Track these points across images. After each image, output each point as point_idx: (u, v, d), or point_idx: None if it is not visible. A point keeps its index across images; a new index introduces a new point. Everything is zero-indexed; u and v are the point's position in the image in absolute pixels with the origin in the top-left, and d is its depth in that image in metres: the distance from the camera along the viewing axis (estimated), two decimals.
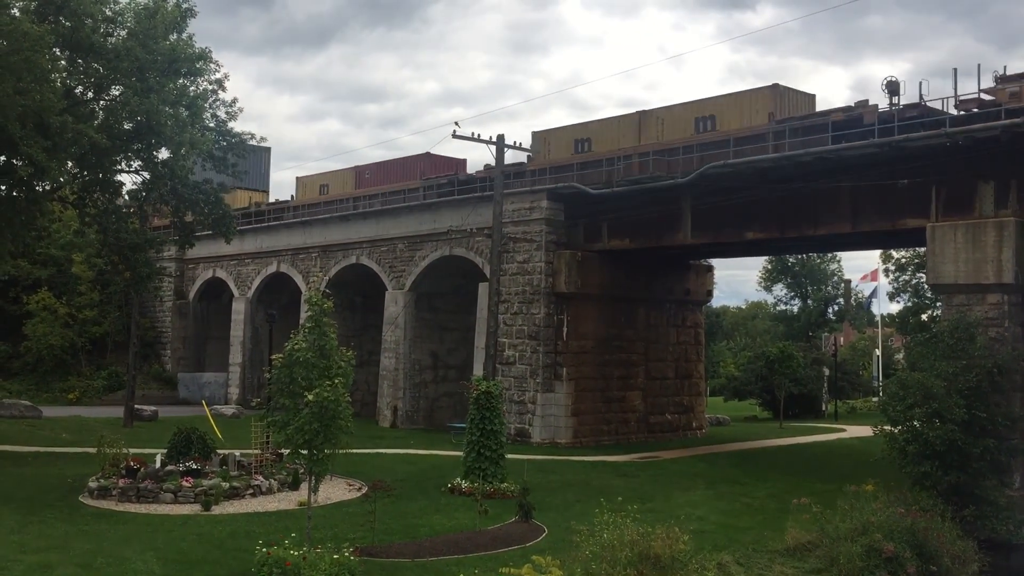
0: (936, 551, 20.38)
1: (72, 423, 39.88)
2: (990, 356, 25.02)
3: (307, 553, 15.57)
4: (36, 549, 17.58)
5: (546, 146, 40.47)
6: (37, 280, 55.50)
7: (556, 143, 40.49)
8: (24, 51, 24.29)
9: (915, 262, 57.84)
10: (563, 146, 40.19)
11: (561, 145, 40.27)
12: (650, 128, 37.22)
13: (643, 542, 15.52)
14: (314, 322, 16.81)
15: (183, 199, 32.64)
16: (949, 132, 26.20)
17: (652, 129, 37.14)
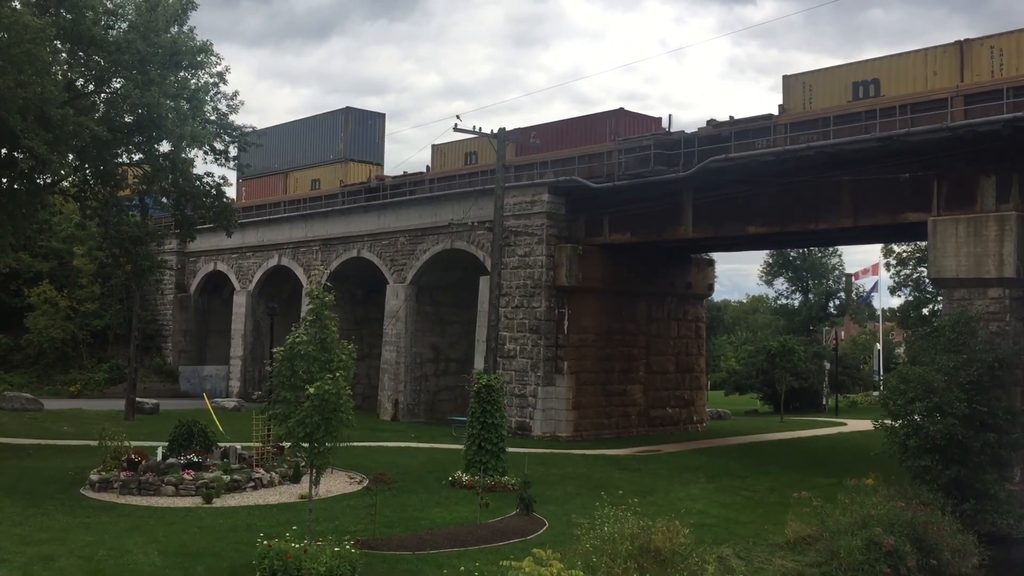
0: (936, 545, 20.41)
1: (73, 416, 39.95)
2: (991, 350, 25.02)
3: (308, 546, 15.60)
4: (38, 541, 17.62)
5: (804, 92, 31.87)
6: (38, 273, 55.56)
7: (823, 87, 31.41)
8: (25, 44, 24.28)
9: (916, 256, 57.79)
10: (833, 91, 31.11)
11: (830, 90, 31.20)
12: (979, 60, 27.73)
13: (644, 535, 15.56)
14: (315, 315, 16.81)
15: (184, 192, 32.63)
16: (951, 126, 26.17)
17: (981, 62, 27.69)
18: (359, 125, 54.75)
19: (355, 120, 54.55)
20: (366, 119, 55.43)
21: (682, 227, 35.34)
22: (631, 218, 37.31)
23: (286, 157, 57.51)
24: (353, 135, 54.11)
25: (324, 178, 54.34)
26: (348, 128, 53.95)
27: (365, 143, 54.96)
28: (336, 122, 54.79)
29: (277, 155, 57.45)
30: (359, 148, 54.63)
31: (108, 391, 52.80)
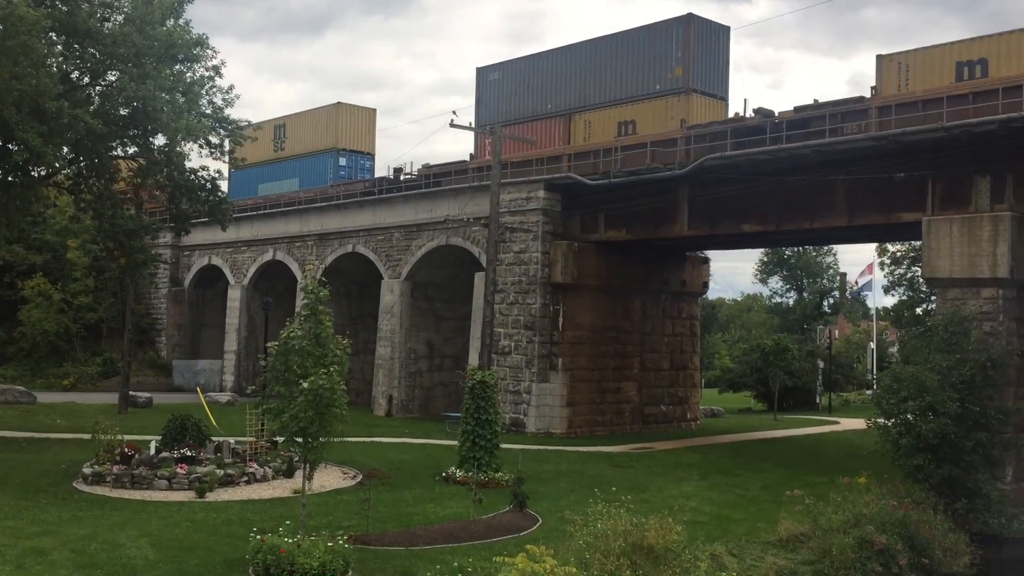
0: (928, 544, 20.49)
1: (67, 409, 39.88)
2: (984, 350, 25.09)
3: (301, 540, 15.60)
4: (30, 534, 17.59)
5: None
6: (32, 266, 55.39)
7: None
8: (20, 35, 24.22)
9: (910, 256, 57.87)
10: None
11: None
12: None
13: (637, 532, 15.58)
14: (310, 310, 16.80)
15: (179, 185, 32.57)
16: (946, 126, 26.22)
17: None
18: (702, 41, 38.89)
19: (698, 32, 38.71)
20: (709, 33, 39.43)
21: (677, 225, 35.36)
22: (626, 215, 37.33)
23: (570, 91, 42.25)
24: (696, 55, 38.42)
25: (643, 118, 38.76)
26: (690, 44, 38.11)
27: (708, 67, 39.21)
28: (667, 37, 38.95)
29: (553, 89, 42.99)
30: (703, 74, 38.76)
31: (101, 384, 52.68)
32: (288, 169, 58.04)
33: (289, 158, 58.10)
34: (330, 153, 55.17)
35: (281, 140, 59.03)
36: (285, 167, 58.30)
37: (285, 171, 58.23)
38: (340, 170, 55.02)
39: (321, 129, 56.26)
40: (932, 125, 26.64)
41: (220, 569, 15.88)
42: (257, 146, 57.93)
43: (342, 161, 54.97)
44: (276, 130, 59.16)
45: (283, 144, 58.85)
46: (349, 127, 55.81)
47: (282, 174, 58.38)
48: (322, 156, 55.55)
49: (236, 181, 59.97)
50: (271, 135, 58.55)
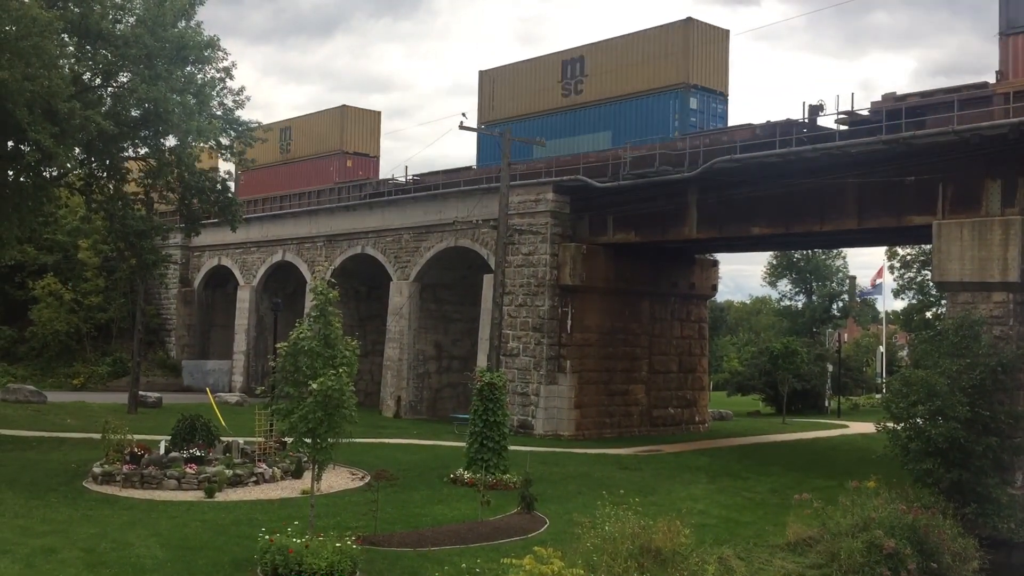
0: (937, 548, 20.41)
1: (76, 409, 40.03)
2: (994, 354, 24.99)
3: (310, 541, 15.63)
4: (40, 533, 17.68)
5: None
6: (43, 266, 55.69)
7: None
8: (33, 37, 24.32)
9: (920, 259, 57.72)
10: None
11: None
12: None
13: (644, 535, 15.57)
14: (319, 311, 16.83)
15: (189, 186, 32.67)
16: (957, 129, 26.12)
17: None
18: None
19: None
20: None
21: (686, 227, 35.32)
22: (635, 218, 37.31)
23: None
24: None
25: None
26: None
27: None
28: None
29: None
30: None
31: (111, 384, 52.92)
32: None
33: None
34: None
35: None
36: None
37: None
38: None
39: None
40: (943, 128, 26.55)
41: (229, 569, 15.93)
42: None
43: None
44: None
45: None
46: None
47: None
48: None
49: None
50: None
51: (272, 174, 59.25)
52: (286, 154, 59.05)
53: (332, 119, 56.43)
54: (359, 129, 56.29)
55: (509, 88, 43.16)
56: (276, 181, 59.16)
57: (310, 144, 57.55)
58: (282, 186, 58.33)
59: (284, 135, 59.34)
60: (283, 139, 59.30)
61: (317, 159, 56.64)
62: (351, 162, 55.15)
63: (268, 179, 59.53)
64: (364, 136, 56.56)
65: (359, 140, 56.25)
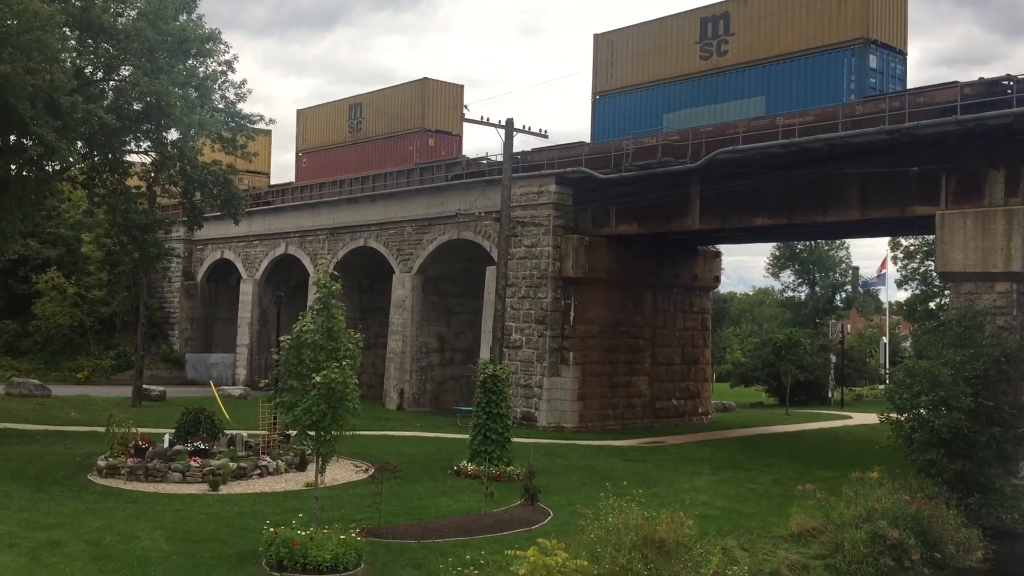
0: (940, 538, 20.46)
1: (80, 402, 40.12)
2: (998, 345, 24.99)
3: (314, 533, 15.68)
4: (45, 526, 17.72)
5: None
6: (46, 260, 55.75)
7: None
8: (35, 31, 24.32)
9: (923, 250, 57.65)
10: None
11: None
12: None
13: (648, 526, 15.59)
14: (322, 304, 16.85)
15: (192, 180, 32.69)
16: (960, 119, 26.07)
17: None
18: None
19: None
20: None
21: (689, 218, 35.29)
22: (638, 209, 37.27)
23: None
24: None
25: None
26: None
27: None
28: None
29: None
30: None
31: (115, 378, 53.03)
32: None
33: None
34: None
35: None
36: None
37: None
38: None
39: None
40: (946, 119, 26.49)
41: (233, 561, 15.97)
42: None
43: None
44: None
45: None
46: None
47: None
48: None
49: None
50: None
51: (338, 156, 54.02)
52: (356, 133, 53.31)
53: (411, 94, 50.28)
54: (441, 104, 49.91)
55: (632, 52, 38.51)
56: (344, 163, 53.34)
57: (385, 122, 51.29)
58: (351, 168, 52.23)
59: (354, 112, 53.67)
60: (352, 116, 53.65)
61: (394, 138, 50.53)
62: (433, 140, 49.28)
63: (334, 161, 54.10)
64: (446, 112, 50.01)
65: (441, 116, 49.89)
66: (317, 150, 56.15)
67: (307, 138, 57.12)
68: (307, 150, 56.99)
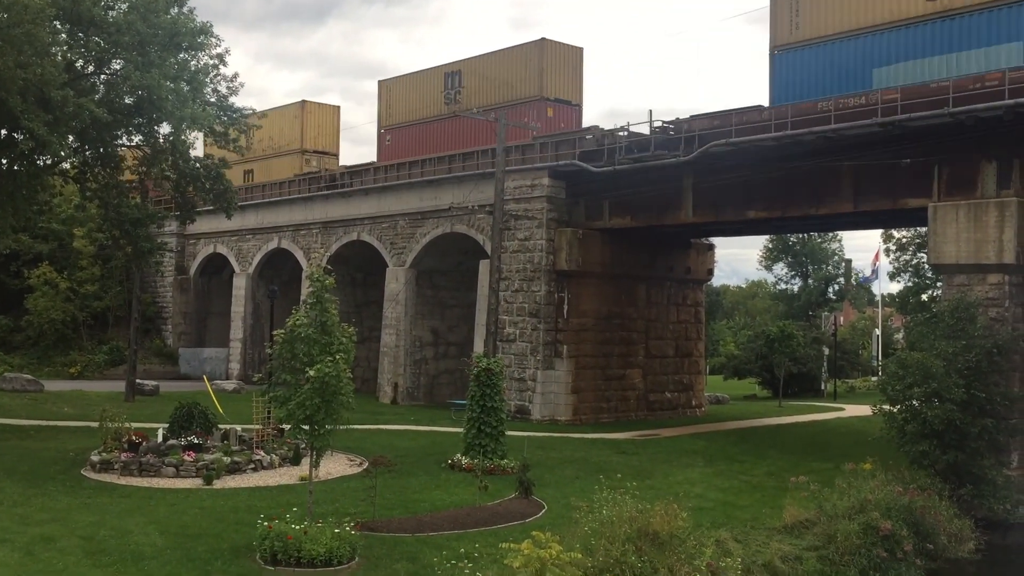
0: (933, 529, 20.55)
1: (74, 397, 40.04)
2: (990, 336, 25.07)
3: (308, 527, 15.68)
4: (39, 521, 17.70)
5: None
6: (38, 254, 55.57)
7: None
8: (25, 24, 24.19)
9: (916, 242, 57.78)
10: None
11: None
12: None
13: (642, 519, 15.61)
14: (316, 298, 16.82)
15: (184, 174, 32.59)
16: (952, 111, 26.09)
17: None
18: None
19: None
20: None
21: (682, 211, 35.31)
22: (631, 202, 37.28)
23: None
24: None
25: None
26: None
27: None
28: None
29: None
30: None
31: (108, 373, 52.89)
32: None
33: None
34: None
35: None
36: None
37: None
38: None
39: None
40: (939, 111, 26.50)
41: (227, 555, 15.97)
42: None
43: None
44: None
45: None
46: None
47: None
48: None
49: None
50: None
51: (429, 131, 47.32)
52: (454, 105, 45.94)
53: (526, 57, 43.05)
54: (560, 69, 43.06)
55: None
56: (437, 139, 46.72)
57: (492, 90, 44.40)
58: (446, 144, 45.69)
59: (450, 81, 46.71)
60: (449, 86, 46.69)
61: (503, 109, 41.55)
62: (552, 110, 42.30)
63: (425, 137, 47.31)
64: (565, 78, 43.27)
65: (560, 83, 43.08)
66: (404, 126, 48.98)
67: (391, 113, 50.03)
68: (391, 126, 49.90)
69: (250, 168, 59.63)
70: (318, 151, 57.70)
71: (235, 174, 57.53)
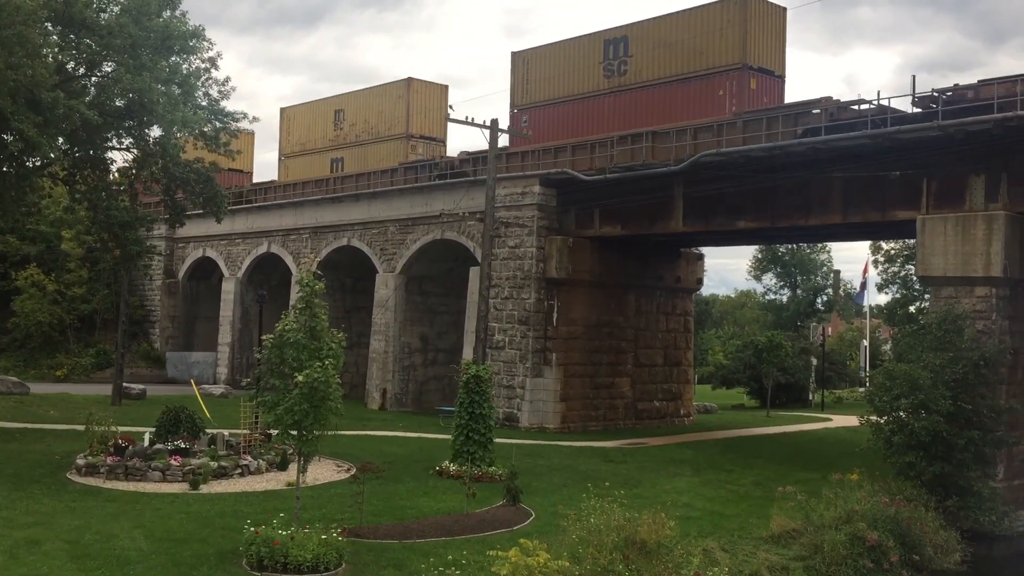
0: (919, 540, 20.60)
1: (60, 400, 39.80)
2: (977, 348, 25.18)
3: (295, 533, 15.64)
4: (24, 525, 17.59)
5: None
6: (26, 256, 55.27)
7: None
8: (17, 25, 24.15)
9: (904, 254, 58.09)
10: None
11: None
12: None
13: (629, 527, 15.63)
14: (305, 303, 16.80)
15: (174, 177, 32.53)
16: (942, 124, 26.24)
17: None
18: None
19: None
20: None
21: (673, 221, 35.39)
22: (622, 211, 37.34)
23: None
24: None
25: None
26: None
27: None
28: None
29: None
30: None
31: (95, 376, 52.62)
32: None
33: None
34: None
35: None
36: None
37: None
38: None
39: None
40: (928, 124, 26.67)
41: (214, 561, 15.90)
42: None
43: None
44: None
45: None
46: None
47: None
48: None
49: None
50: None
51: (582, 110, 39.73)
52: (619, 77, 38.66)
53: (723, 16, 35.78)
54: (763, 32, 35.98)
55: None
56: (592, 119, 39.20)
57: (671, 59, 37.11)
58: (604, 125, 38.27)
59: (612, 50, 39.01)
60: (609, 55, 39.01)
61: (686, 82, 36.39)
62: (755, 81, 35.37)
63: (574, 117, 39.92)
64: (769, 43, 36.23)
65: (764, 49, 35.91)
66: (546, 104, 41.14)
67: (528, 90, 42.03)
68: (527, 105, 41.97)
69: (339, 156, 54.09)
70: (425, 136, 50.69)
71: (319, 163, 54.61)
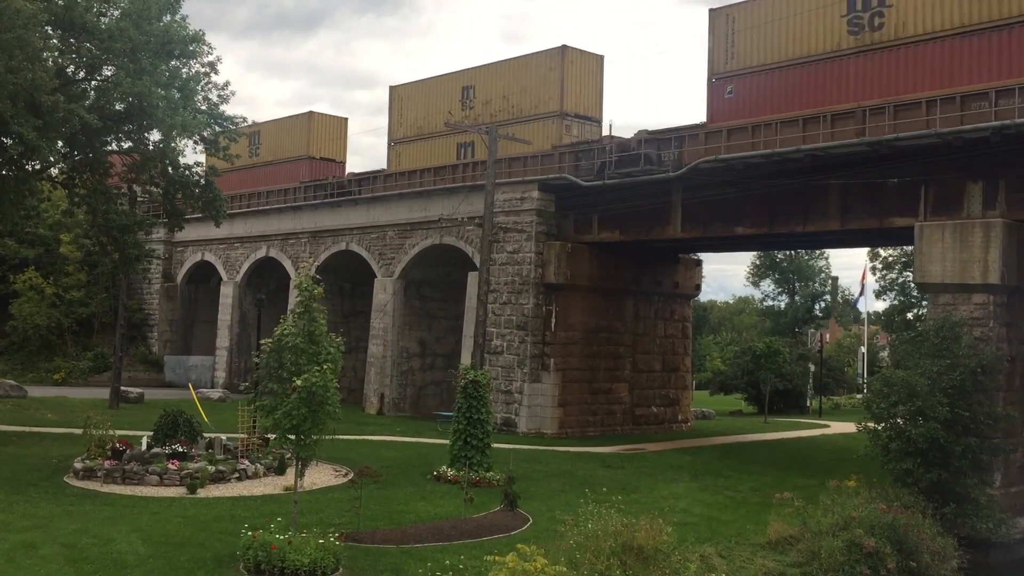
0: (916, 547, 20.57)
1: (58, 403, 39.80)
2: (974, 356, 25.20)
3: (292, 537, 15.62)
4: (21, 528, 17.58)
5: None
6: (24, 259, 55.30)
7: None
8: (17, 29, 24.17)
9: (902, 261, 58.10)
10: None
11: None
12: None
13: (627, 533, 15.64)
14: (304, 307, 16.81)
15: (173, 181, 32.52)
16: (939, 132, 26.30)
17: None
18: None
19: None
20: None
21: (671, 227, 35.43)
22: (620, 217, 37.39)
23: None
24: None
25: None
26: None
27: None
28: None
29: None
30: None
31: (93, 379, 52.62)
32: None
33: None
34: None
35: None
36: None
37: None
38: None
39: None
40: (926, 131, 26.73)
41: (211, 565, 15.89)
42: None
43: None
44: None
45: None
46: None
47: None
48: None
49: None
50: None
51: (816, 75, 30.61)
52: (866, 34, 29.14)
53: None
54: None
55: None
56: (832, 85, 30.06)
57: None
58: (850, 93, 29.54)
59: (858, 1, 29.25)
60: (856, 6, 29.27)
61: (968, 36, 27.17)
62: None
63: (806, 84, 30.85)
64: None
65: None
66: (765, 69, 32.09)
67: (735, 54, 33.05)
68: (734, 72, 33.04)
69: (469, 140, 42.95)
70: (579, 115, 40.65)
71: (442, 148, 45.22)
